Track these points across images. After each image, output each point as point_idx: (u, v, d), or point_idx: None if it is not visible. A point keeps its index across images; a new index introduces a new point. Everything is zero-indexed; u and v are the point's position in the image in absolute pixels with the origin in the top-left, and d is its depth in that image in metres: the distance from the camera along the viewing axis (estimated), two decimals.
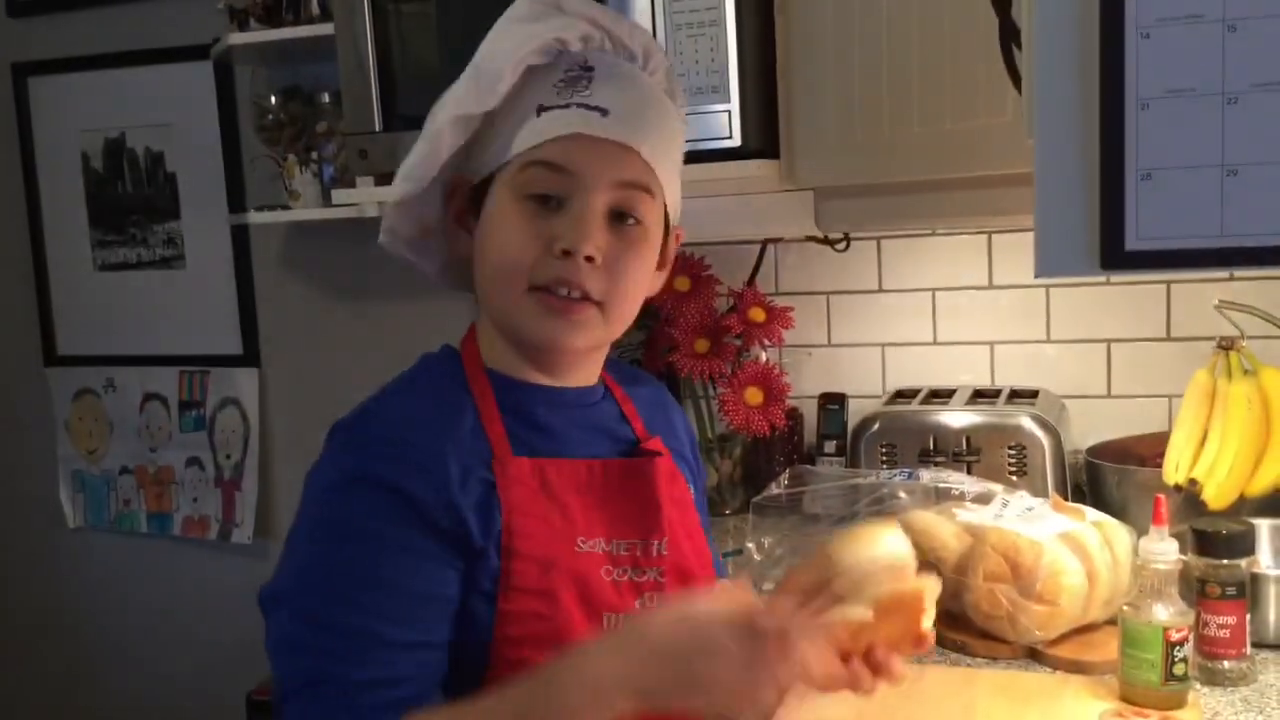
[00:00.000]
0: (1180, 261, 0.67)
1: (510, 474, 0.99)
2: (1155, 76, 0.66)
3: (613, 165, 1.00)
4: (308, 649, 0.93)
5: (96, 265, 2.79)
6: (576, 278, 0.99)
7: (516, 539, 0.97)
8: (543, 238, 0.99)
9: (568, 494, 1.02)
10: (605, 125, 1.00)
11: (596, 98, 1.00)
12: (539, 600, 0.97)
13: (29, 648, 3.02)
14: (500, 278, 1.02)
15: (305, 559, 0.97)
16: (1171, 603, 1.27)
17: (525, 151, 1.00)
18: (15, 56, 2.76)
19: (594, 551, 1.01)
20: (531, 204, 1.00)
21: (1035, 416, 1.83)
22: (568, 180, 1.00)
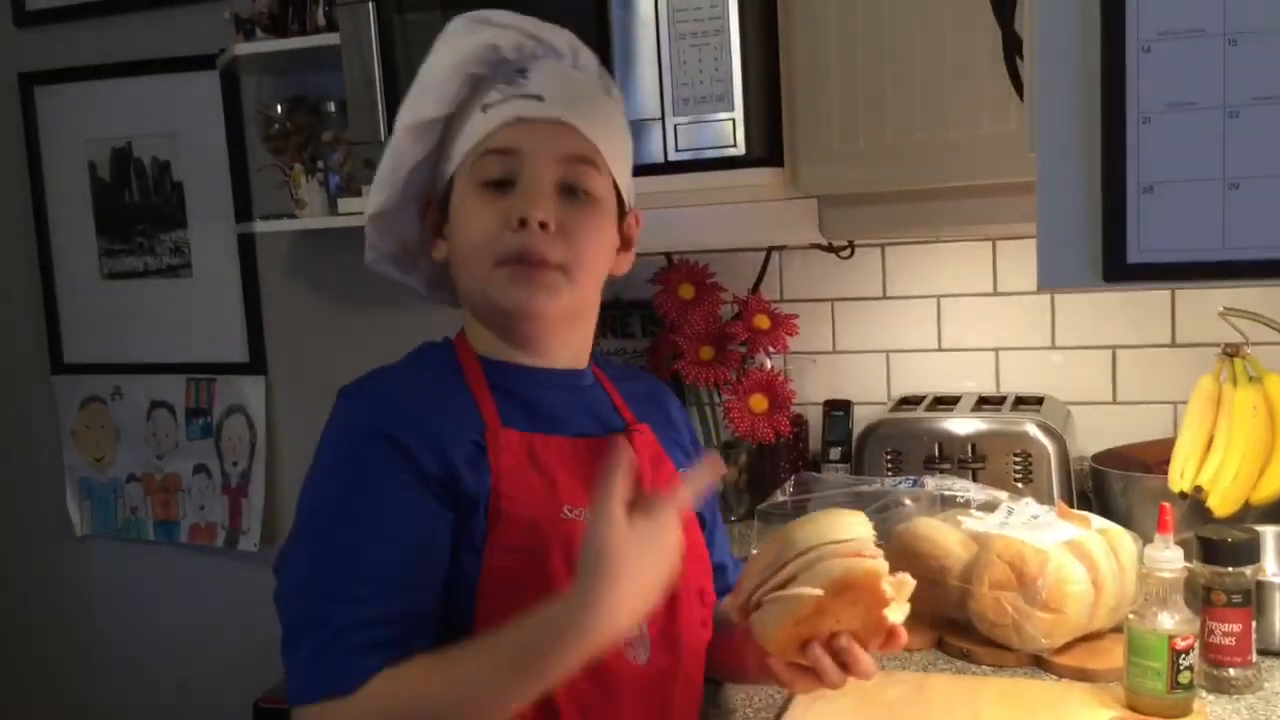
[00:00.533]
0: (1182, 274, 0.68)
1: (500, 443, 1.06)
2: (1157, 90, 0.66)
3: (553, 141, 1.09)
4: (308, 591, 1.00)
5: (103, 274, 2.80)
6: (536, 245, 1.07)
7: (504, 500, 1.04)
8: (500, 214, 1.08)
9: (554, 467, 1.08)
10: (542, 107, 1.10)
11: (532, 88, 1.11)
12: (524, 558, 1.03)
13: (37, 655, 3.03)
14: (469, 259, 1.11)
15: (311, 512, 1.04)
16: (1177, 610, 1.27)
17: (475, 145, 1.10)
18: (22, 66, 2.78)
19: (579, 520, 1.05)
20: (488, 190, 1.10)
21: (1040, 423, 1.83)
22: (515, 160, 1.09)
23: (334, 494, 1.04)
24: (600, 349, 2.35)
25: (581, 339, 1.19)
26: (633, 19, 1.71)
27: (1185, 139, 0.66)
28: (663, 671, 1.10)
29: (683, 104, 1.70)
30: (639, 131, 1.72)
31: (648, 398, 1.26)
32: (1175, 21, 0.66)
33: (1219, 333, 1.59)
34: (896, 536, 1.58)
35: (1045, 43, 0.70)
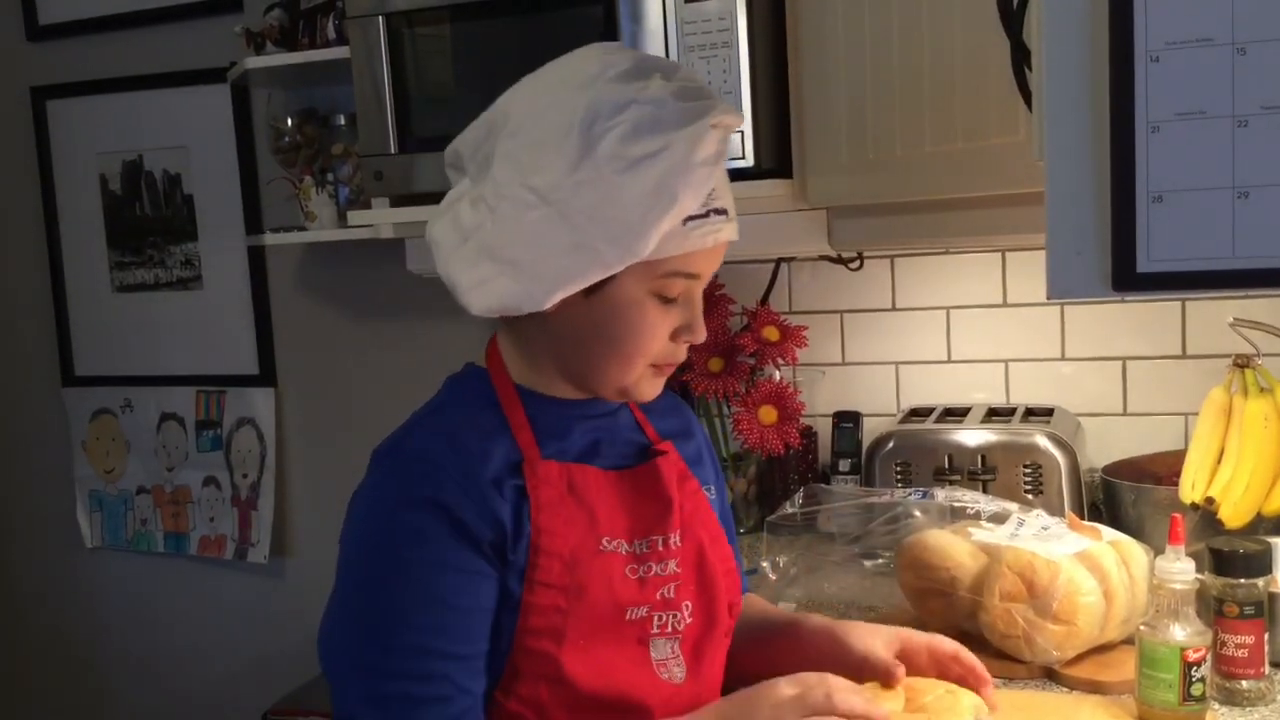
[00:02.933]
0: (1192, 283, 0.68)
1: (540, 475, 1.05)
2: (1165, 100, 0.66)
3: (720, 262, 1.09)
4: (367, 670, 0.99)
5: (114, 286, 2.81)
6: (685, 354, 1.11)
7: (544, 536, 1.03)
8: (671, 326, 1.08)
9: (593, 498, 1.08)
10: (728, 229, 1.06)
11: (719, 196, 1.04)
12: (561, 595, 1.03)
13: (47, 667, 3.03)
14: (625, 360, 1.07)
15: (359, 584, 1.02)
16: (1189, 622, 1.26)
17: (668, 259, 1.03)
18: (34, 80, 2.79)
19: (617, 552, 1.07)
20: (658, 300, 1.06)
21: (1051, 435, 1.82)
22: (694, 283, 1.07)
23: (382, 567, 1.01)
24: None
25: None
26: (642, 31, 1.72)
27: (1194, 148, 0.66)
28: (696, 687, 1.11)
29: None
30: None
31: (668, 411, 1.26)
32: (1184, 31, 0.66)
33: (1229, 344, 1.58)
34: (906, 548, 1.57)
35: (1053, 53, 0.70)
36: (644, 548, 1.10)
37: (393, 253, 2.33)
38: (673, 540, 1.12)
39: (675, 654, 1.10)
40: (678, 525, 1.13)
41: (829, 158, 1.72)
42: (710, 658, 1.14)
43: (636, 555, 1.09)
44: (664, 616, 1.09)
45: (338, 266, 2.57)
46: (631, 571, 1.08)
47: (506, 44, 1.82)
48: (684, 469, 1.19)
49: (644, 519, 1.11)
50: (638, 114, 0.98)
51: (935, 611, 1.53)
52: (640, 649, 1.08)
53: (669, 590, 1.10)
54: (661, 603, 1.09)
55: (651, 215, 0.99)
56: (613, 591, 1.06)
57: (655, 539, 1.11)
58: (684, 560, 1.13)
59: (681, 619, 1.11)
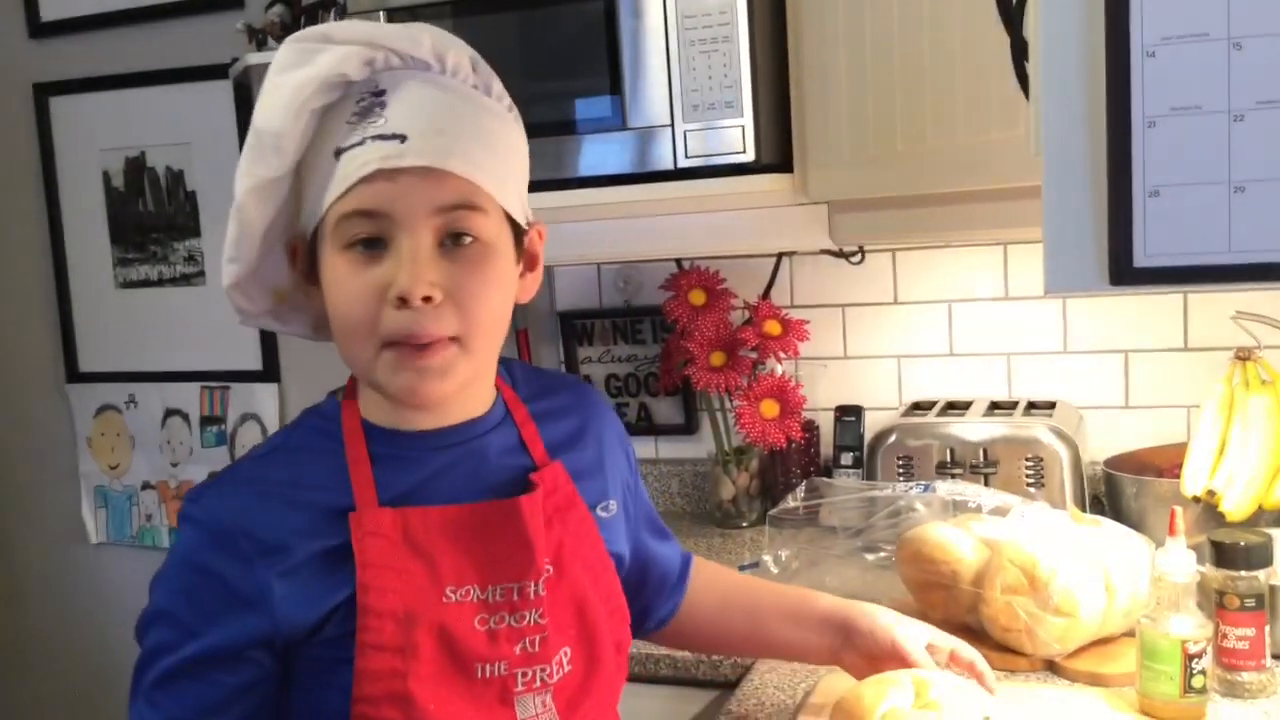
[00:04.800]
0: (1189, 278, 0.68)
1: (367, 527, 0.96)
2: (1161, 95, 0.67)
3: (425, 193, 0.92)
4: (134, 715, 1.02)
5: (118, 283, 2.82)
6: (422, 325, 0.93)
7: (371, 594, 0.95)
8: (375, 288, 0.93)
9: (434, 543, 0.98)
10: (405, 152, 0.92)
11: (392, 124, 0.93)
12: (396, 658, 0.94)
13: (52, 663, 3.04)
14: (349, 338, 0.97)
15: (148, 624, 1.02)
16: (1190, 615, 1.26)
17: (335, 203, 0.94)
18: (37, 77, 2.79)
19: (465, 601, 0.98)
20: (356, 252, 0.94)
21: (1053, 428, 1.82)
22: (384, 222, 0.93)
23: (163, 622, 1.00)
24: (611, 355, 2.35)
25: (483, 387, 1.06)
26: (642, 26, 1.72)
27: (1191, 143, 0.66)
28: None
29: (692, 111, 1.71)
30: (648, 139, 1.73)
31: (565, 412, 1.14)
32: (1180, 26, 0.66)
33: (1231, 337, 1.58)
34: (908, 542, 1.57)
35: (1050, 47, 0.70)
36: (498, 596, 0.99)
37: None
38: (531, 589, 1.00)
39: (546, 708, 1.00)
40: (541, 572, 1.00)
41: (830, 152, 1.72)
42: (590, 707, 1.04)
43: (489, 604, 0.98)
44: (529, 672, 0.99)
45: None
46: (481, 623, 0.98)
47: (507, 39, 1.83)
48: (569, 493, 1.07)
49: (498, 564, 1.00)
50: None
51: (937, 605, 1.53)
52: (503, 709, 0.98)
53: (531, 644, 0.99)
54: (523, 658, 0.99)
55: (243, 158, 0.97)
56: (456, 648, 0.96)
57: (511, 587, 0.99)
58: (557, 607, 1.02)
59: (554, 671, 1.01)
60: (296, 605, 0.95)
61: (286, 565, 0.95)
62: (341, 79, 0.95)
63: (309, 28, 0.97)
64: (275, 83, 0.96)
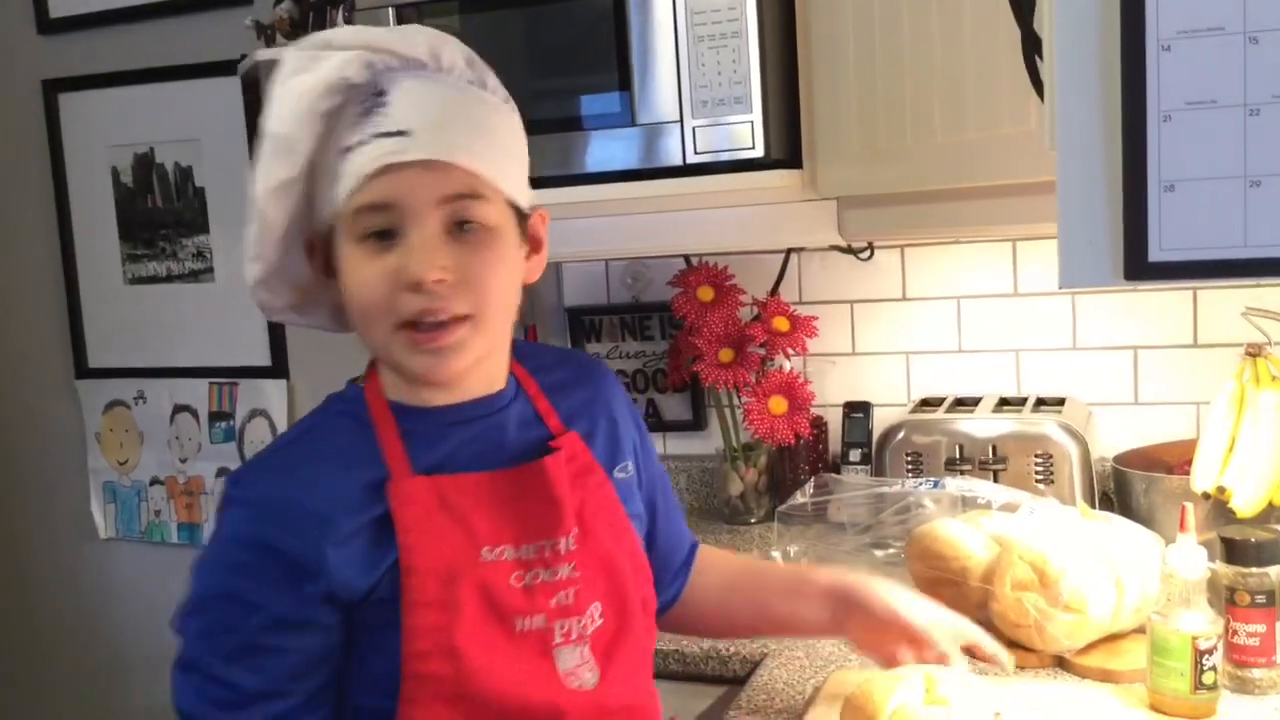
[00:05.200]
0: (1204, 272, 0.68)
1: (405, 494, 1.02)
2: (1177, 89, 0.66)
3: (430, 184, 0.99)
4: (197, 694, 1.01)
5: (126, 279, 2.82)
6: (436, 304, 1.00)
7: (414, 555, 1.00)
8: (389, 274, 0.99)
9: (467, 507, 1.04)
10: (408, 147, 0.98)
11: (393, 121, 0.99)
12: (440, 613, 1.00)
13: (60, 658, 3.05)
14: (365, 322, 1.03)
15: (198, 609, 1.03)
16: (1200, 611, 1.26)
17: (347, 198, 1.00)
18: (46, 73, 2.80)
19: (500, 560, 1.04)
20: (370, 244, 1.00)
21: (1062, 424, 1.82)
22: (394, 213, 0.99)
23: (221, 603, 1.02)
24: (620, 352, 2.35)
25: (497, 364, 1.12)
26: (651, 22, 1.72)
27: (1206, 137, 0.66)
28: (609, 689, 1.07)
29: (701, 106, 1.71)
30: (657, 134, 1.73)
31: (574, 384, 1.19)
32: (1195, 19, 0.65)
33: (1241, 333, 1.58)
34: (917, 538, 1.57)
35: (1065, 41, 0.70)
36: (531, 553, 1.06)
37: None
38: (562, 544, 1.07)
39: (586, 659, 1.06)
40: (569, 528, 1.07)
41: (839, 148, 1.72)
42: (625, 658, 1.09)
43: (524, 562, 1.05)
44: (566, 624, 1.05)
45: None
46: (518, 579, 1.04)
47: (515, 35, 1.82)
48: (587, 461, 1.14)
49: (530, 523, 1.06)
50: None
51: (946, 601, 1.53)
52: (544, 661, 1.04)
53: (566, 596, 1.06)
54: (559, 610, 1.05)
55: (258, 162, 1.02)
56: (496, 604, 1.02)
57: (543, 544, 1.06)
58: (585, 561, 1.08)
59: (588, 623, 1.07)
60: (350, 572, 1.00)
61: (336, 536, 1.00)
62: (344, 82, 1.01)
63: (311, 35, 1.04)
64: (283, 89, 1.01)
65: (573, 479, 1.10)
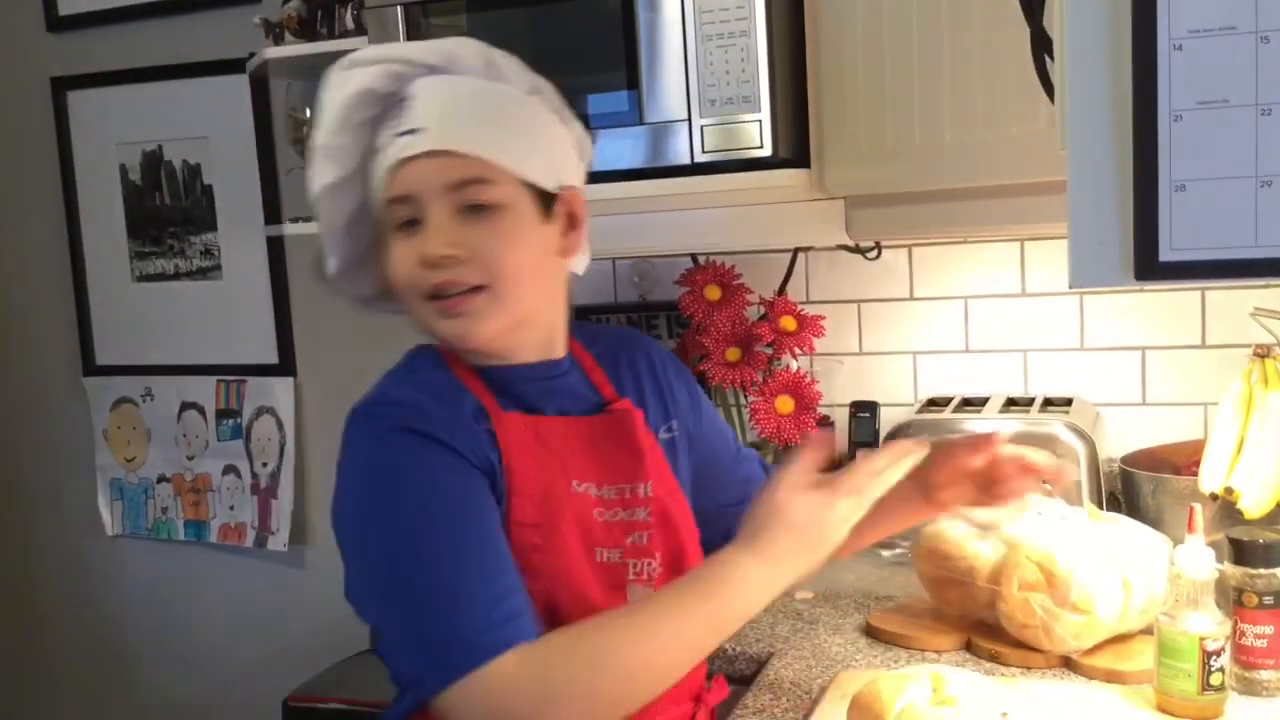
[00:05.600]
0: (1215, 272, 0.68)
1: (506, 424, 1.12)
2: (1188, 88, 0.66)
3: (436, 173, 1.10)
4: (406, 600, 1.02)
5: (134, 276, 2.83)
6: (448, 276, 1.10)
7: (516, 476, 1.09)
8: (413, 255, 1.12)
9: (558, 445, 1.14)
10: (415, 143, 1.10)
11: (408, 121, 1.11)
12: (535, 533, 1.09)
13: (68, 654, 3.06)
14: (405, 298, 1.15)
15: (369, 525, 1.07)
16: (1208, 612, 1.26)
17: (380, 194, 1.13)
18: (55, 71, 2.81)
19: (586, 494, 1.13)
20: (402, 232, 1.13)
21: (1069, 425, 1.82)
22: (414, 203, 1.11)
23: (387, 499, 1.06)
24: None
25: (541, 336, 1.20)
26: (659, 20, 1.72)
27: (1217, 137, 0.66)
28: None
29: (709, 105, 1.71)
30: (665, 133, 1.73)
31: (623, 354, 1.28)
32: (1207, 19, 0.65)
33: (1249, 334, 1.58)
34: (925, 538, 1.57)
35: (1076, 41, 0.70)
36: (612, 494, 1.15)
37: None
38: (642, 489, 1.16)
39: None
40: (649, 475, 1.17)
41: (847, 147, 1.71)
42: None
43: (604, 500, 1.14)
44: (639, 564, 1.14)
45: None
46: (599, 514, 1.14)
47: (522, 33, 1.82)
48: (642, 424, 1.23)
49: (613, 466, 1.16)
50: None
51: (953, 601, 1.53)
52: (617, 595, 1.12)
53: (641, 538, 1.15)
54: (634, 549, 1.14)
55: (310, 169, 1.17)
56: (583, 530, 1.11)
57: (624, 487, 1.16)
58: (654, 510, 1.17)
59: (657, 568, 1.15)
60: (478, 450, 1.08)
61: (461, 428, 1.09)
62: (370, 93, 1.14)
63: (345, 56, 1.16)
64: (323, 103, 1.16)
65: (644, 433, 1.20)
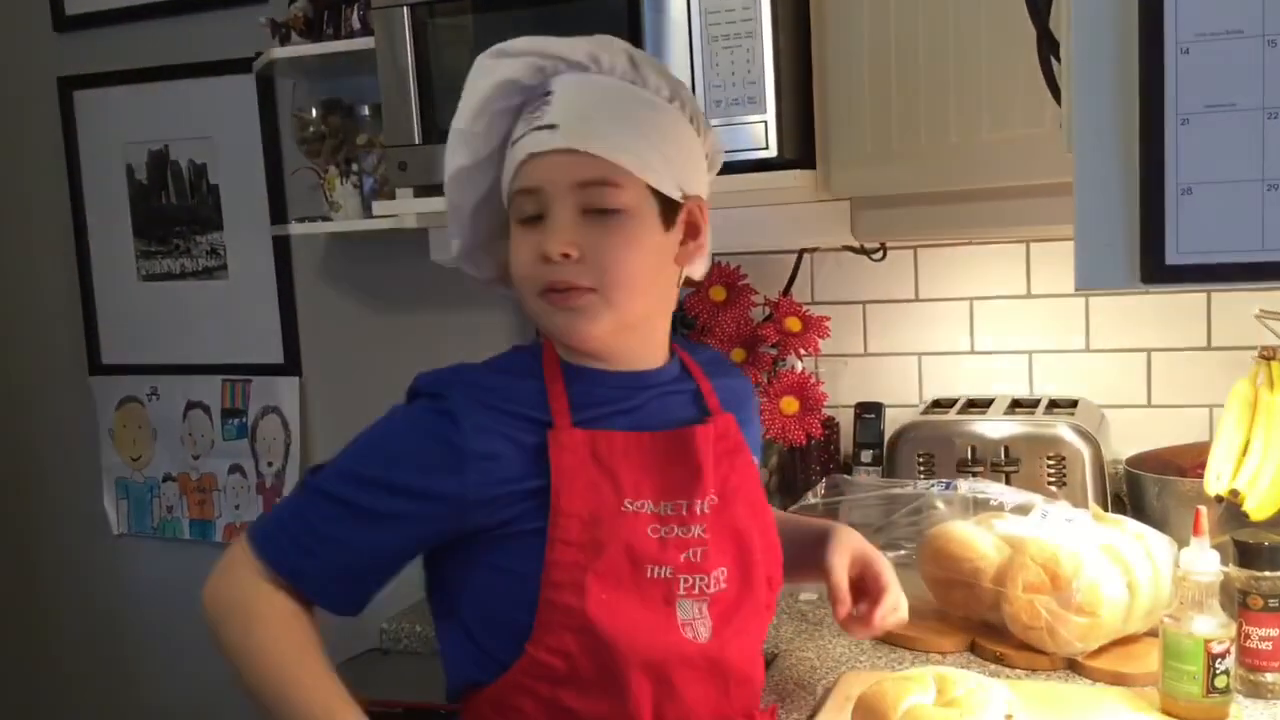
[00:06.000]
0: (1221, 276, 0.67)
1: (563, 442, 1.12)
2: (1195, 91, 0.66)
3: (566, 171, 1.11)
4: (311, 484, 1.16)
5: (141, 276, 2.83)
6: (562, 275, 1.11)
7: (563, 498, 1.10)
8: (533, 250, 1.12)
9: (617, 462, 1.14)
10: (552, 139, 1.11)
11: (548, 117, 1.12)
12: (580, 552, 1.10)
13: (73, 653, 3.06)
14: (522, 291, 1.16)
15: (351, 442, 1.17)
16: (1213, 614, 1.26)
17: (509, 184, 1.15)
18: (61, 70, 2.81)
19: (641, 512, 1.13)
20: (525, 225, 1.14)
21: (1075, 426, 1.82)
22: (540, 197, 1.12)
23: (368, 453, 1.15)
24: None
25: (647, 342, 1.21)
26: (665, 21, 1.72)
27: (1224, 140, 0.66)
28: (719, 648, 1.14)
29: (715, 106, 1.71)
30: None
31: (732, 380, 1.31)
32: (1214, 23, 0.65)
33: (1255, 336, 1.58)
34: (929, 540, 1.57)
35: (1082, 43, 0.70)
36: (669, 510, 1.15)
37: (416, 243, 2.34)
38: (699, 506, 1.15)
39: (702, 615, 1.14)
40: (707, 492, 1.16)
41: (853, 148, 1.71)
42: (740, 627, 1.17)
43: (661, 517, 1.14)
44: (690, 579, 1.13)
45: (362, 256, 2.58)
46: (654, 531, 1.13)
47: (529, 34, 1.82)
48: (739, 441, 1.23)
49: (672, 483, 1.16)
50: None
51: (958, 603, 1.53)
52: (666, 608, 1.12)
53: (695, 554, 1.14)
54: (687, 565, 1.13)
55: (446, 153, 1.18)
56: (632, 550, 1.11)
57: (680, 503, 1.15)
58: (717, 528, 1.16)
59: (711, 584, 1.14)
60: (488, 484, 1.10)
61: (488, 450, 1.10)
62: (514, 84, 1.15)
63: (494, 45, 1.17)
64: (467, 90, 1.17)
65: (721, 455, 1.20)
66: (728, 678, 1.16)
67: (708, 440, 1.18)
